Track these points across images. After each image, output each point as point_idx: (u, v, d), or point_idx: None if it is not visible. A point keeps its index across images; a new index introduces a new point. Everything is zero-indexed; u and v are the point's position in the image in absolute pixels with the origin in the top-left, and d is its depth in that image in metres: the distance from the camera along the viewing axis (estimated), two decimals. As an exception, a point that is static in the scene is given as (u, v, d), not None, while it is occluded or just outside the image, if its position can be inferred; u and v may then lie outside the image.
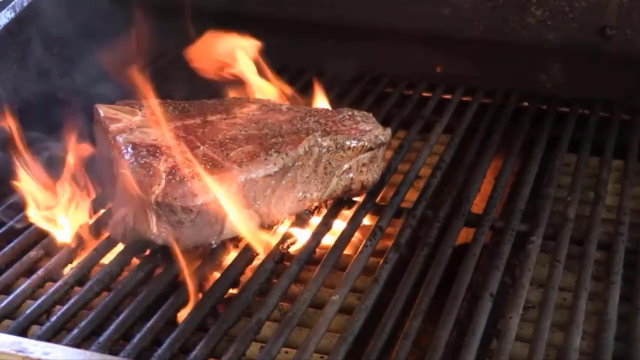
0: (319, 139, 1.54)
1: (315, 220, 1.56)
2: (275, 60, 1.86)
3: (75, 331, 1.27)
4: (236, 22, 1.80)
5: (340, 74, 2.07)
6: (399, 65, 2.12)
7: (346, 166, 1.58)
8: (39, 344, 1.12)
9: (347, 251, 1.50)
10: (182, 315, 1.32)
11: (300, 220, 1.55)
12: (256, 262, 1.46)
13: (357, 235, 1.54)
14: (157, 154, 1.45)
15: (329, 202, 1.59)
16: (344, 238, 1.50)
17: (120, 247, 1.47)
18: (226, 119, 1.60)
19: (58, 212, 1.52)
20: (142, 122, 1.57)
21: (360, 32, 2.09)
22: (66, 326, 1.30)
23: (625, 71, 1.97)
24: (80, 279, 1.40)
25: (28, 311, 1.32)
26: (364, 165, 1.60)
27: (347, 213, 1.59)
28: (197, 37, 1.85)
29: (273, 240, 1.50)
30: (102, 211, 1.58)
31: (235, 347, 1.24)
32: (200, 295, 1.36)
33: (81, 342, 1.25)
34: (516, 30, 2.03)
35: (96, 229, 1.53)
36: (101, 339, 1.25)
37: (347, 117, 1.64)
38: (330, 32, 2.11)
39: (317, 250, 1.49)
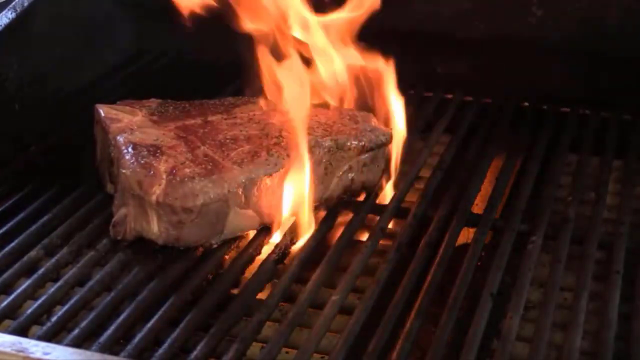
0: (320, 139, 1.54)
1: (316, 220, 1.56)
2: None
3: (76, 331, 1.27)
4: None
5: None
6: (399, 65, 2.11)
7: (346, 166, 1.58)
8: (40, 344, 1.11)
9: (348, 251, 1.50)
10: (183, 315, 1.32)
11: (301, 220, 1.55)
12: (256, 262, 1.46)
13: (357, 235, 1.54)
14: (157, 154, 1.45)
15: (329, 202, 1.59)
16: (345, 238, 1.50)
17: (121, 247, 1.47)
18: (227, 119, 1.60)
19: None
20: (142, 122, 1.57)
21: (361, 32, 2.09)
22: (67, 326, 1.30)
23: (625, 71, 1.96)
24: (80, 279, 1.40)
25: (28, 311, 1.32)
26: (364, 165, 1.60)
27: (348, 213, 1.59)
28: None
29: (274, 240, 1.50)
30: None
31: (236, 347, 1.24)
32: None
33: (82, 342, 1.25)
34: (516, 29, 2.02)
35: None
36: (102, 339, 1.25)
37: (348, 117, 1.64)
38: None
39: (317, 250, 1.49)
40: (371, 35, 2.04)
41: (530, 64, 2.04)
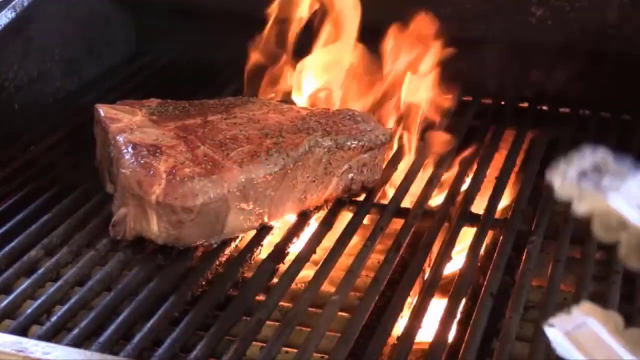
0: (320, 139, 1.54)
1: (316, 221, 1.56)
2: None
3: (76, 331, 1.26)
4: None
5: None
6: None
7: (346, 166, 1.58)
8: (40, 344, 1.11)
9: (348, 251, 1.50)
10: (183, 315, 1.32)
11: (301, 220, 1.55)
12: (256, 262, 1.46)
13: (357, 235, 1.54)
14: (157, 154, 1.45)
15: (329, 202, 1.59)
16: (345, 238, 1.50)
17: (121, 247, 1.47)
18: (227, 119, 1.60)
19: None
20: (142, 122, 1.57)
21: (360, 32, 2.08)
22: (67, 326, 1.30)
23: (625, 71, 1.96)
24: (80, 279, 1.40)
25: (29, 311, 1.31)
26: (364, 165, 1.60)
27: (348, 213, 1.59)
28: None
29: (274, 240, 1.50)
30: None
31: (236, 347, 1.24)
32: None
33: (82, 342, 1.25)
34: (516, 29, 2.02)
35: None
36: (102, 339, 1.25)
37: (348, 117, 1.64)
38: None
39: (317, 250, 1.49)
40: (371, 35, 2.04)
41: (530, 64, 2.04)
